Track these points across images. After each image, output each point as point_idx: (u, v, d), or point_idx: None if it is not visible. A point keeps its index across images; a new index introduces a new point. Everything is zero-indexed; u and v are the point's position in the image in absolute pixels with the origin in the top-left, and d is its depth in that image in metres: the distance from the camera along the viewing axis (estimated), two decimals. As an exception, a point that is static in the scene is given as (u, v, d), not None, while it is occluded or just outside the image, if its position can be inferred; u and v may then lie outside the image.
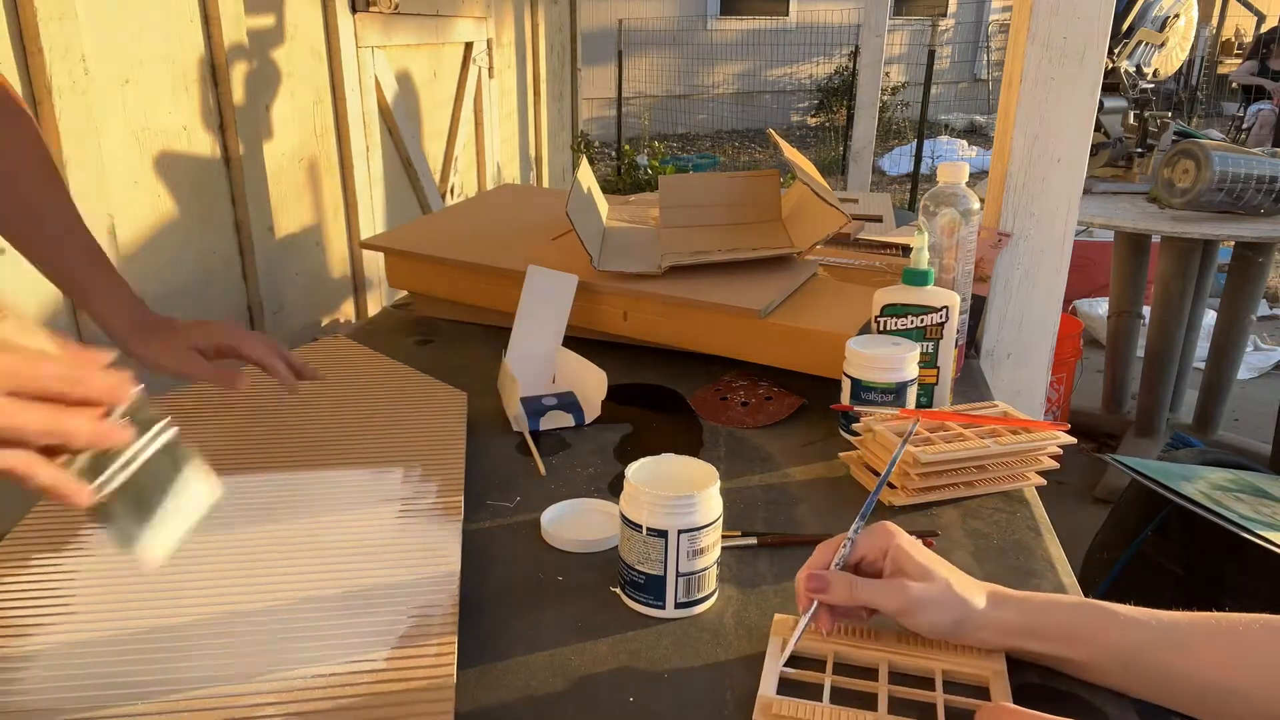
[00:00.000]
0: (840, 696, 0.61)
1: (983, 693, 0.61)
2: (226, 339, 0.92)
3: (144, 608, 0.67)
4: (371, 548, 0.76)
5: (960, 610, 0.62)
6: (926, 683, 0.62)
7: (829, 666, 0.63)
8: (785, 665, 0.62)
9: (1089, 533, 1.66)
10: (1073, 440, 0.91)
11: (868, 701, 0.60)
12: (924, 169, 6.11)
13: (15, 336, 0.50)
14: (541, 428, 1.02)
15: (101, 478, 0.50)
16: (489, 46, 2.67)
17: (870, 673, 0.63)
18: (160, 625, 0.65)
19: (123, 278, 0.92)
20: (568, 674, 0.64)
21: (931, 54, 6.05)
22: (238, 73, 1.51)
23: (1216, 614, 0.59)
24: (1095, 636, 0.60)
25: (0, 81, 0.88)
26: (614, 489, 0.90)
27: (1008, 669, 0.62)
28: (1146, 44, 2.54)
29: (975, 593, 0.63)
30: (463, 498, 0.84)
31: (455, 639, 0.65)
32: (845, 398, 0.96)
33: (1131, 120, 2.65)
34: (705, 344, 1.16)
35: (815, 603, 0.64)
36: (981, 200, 1.18)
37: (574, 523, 0.82)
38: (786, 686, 0.62)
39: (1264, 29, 8.00)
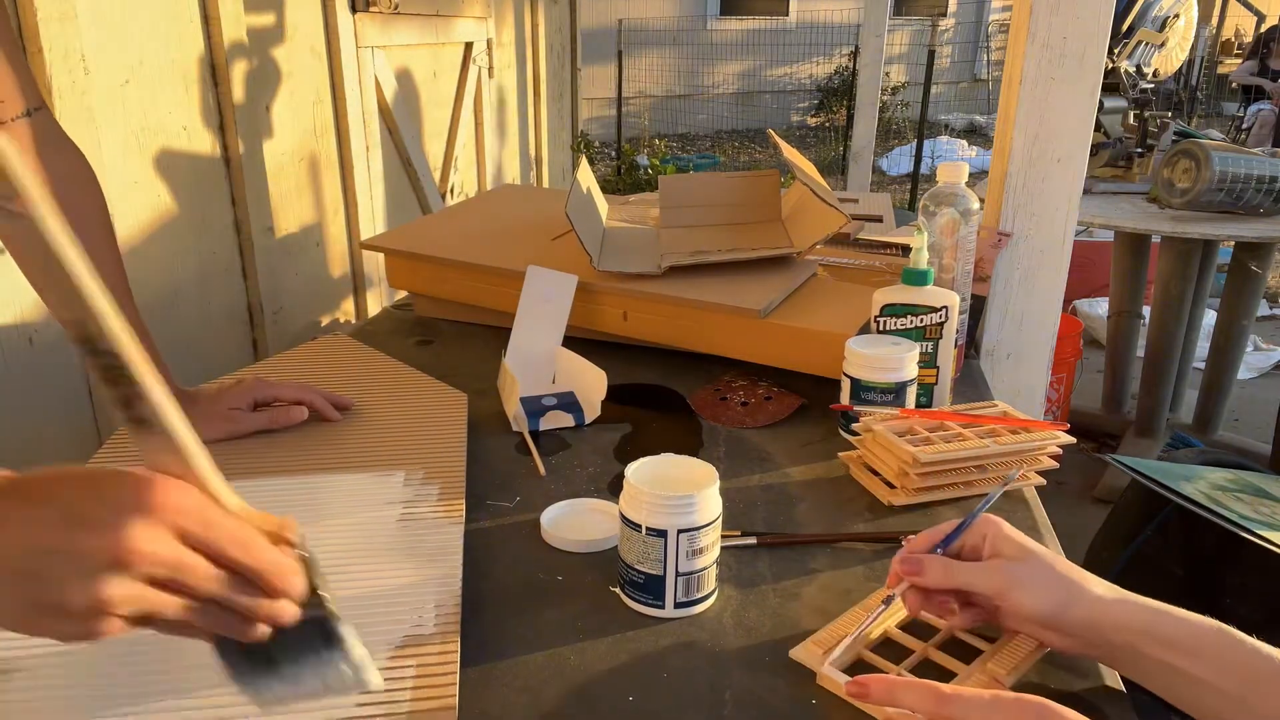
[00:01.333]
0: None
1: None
2: (262, 393, 0.96)
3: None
4: (373, 551, 0.76)
5: (1065, 591, 0.58)
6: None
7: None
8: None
9: (1089, 533, 1.66)
10: (1072, 440, 0.91)
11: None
12: (924, 169, 6.11)
13: (206, 476, 0.46)
14: (541, 428, 1.02)
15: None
16: (489, 46, 2.67)
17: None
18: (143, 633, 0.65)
19: (158, 353, 0.92)
20: (567, 674, 0.64)
21: (931, 54, 6.05)
22: (238, 72, 1.51)
23: None
24: (1223, 655, 0.55)
25: (75, 153, 0.90)
26: (614, 489, 0.90)
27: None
28: (1146, 44, 2.54)
29: (1087, 577, 0.60)
30: (464, 501, 0.84)
31: (458, 643, 0.65)
32: (845, 398, 0.96)
33: (1131, 120, 2.65)
34: (705, 344, 1.16)
35: (903, 586, 0.63)
36: (981, 200, 1.18)
37: (574, 523, 0.82)
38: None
39: (1264, 29, 8.00)
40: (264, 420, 0.95)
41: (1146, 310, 2.82)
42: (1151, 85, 2.62)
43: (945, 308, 0.98)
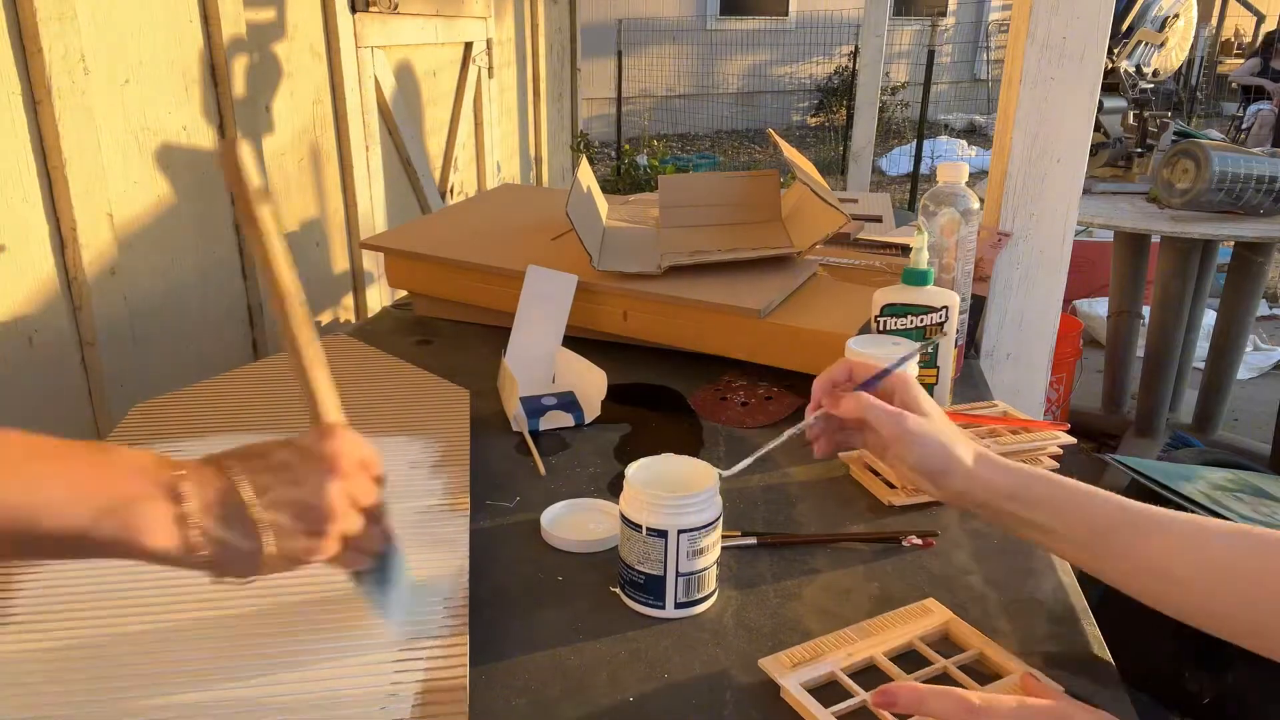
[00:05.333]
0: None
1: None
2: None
3: (150, 607, 0.67)
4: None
5: (944, 460, 0.67)
6: None
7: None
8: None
9: (1089, 533, 1.66)
10: (1072, 440, 0.91)
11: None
12: (924, 169, 6.11)
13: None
14: (541, 428, 1.02)
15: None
16: (489, 46, 2.67)
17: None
18: (163, 626, 0.66)
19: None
20: (568, 674, 0.64)
21: (931, 54, 6.05)
22: (237, 72, 1.51)
23: (1180, 513, 0.63)
24: (1077, 510, 0.64)
25: None
26: (614, 489, 0.90)
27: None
28: (1146, 44, 2.54)
29: (964, 448, 0.68)
30: (469, 496, 0.84)
31: (466, 637, 0.65)
32: (845, 398, 0.96)
33: (1131, 120, 2.65)
34: (705, 344, 1.16)
35: (815, 416, 0.72)
36: (981, 200, 1.18)
37: (574, 523, 0.82)
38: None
39: (1264, 29, 8.00)
40: None
41: (1146, 310, 2.82)
42: (1151, 85, 2.62)
43: (945, 308, 0.98)
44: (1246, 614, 0.58)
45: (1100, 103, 1.39)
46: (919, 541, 0.80)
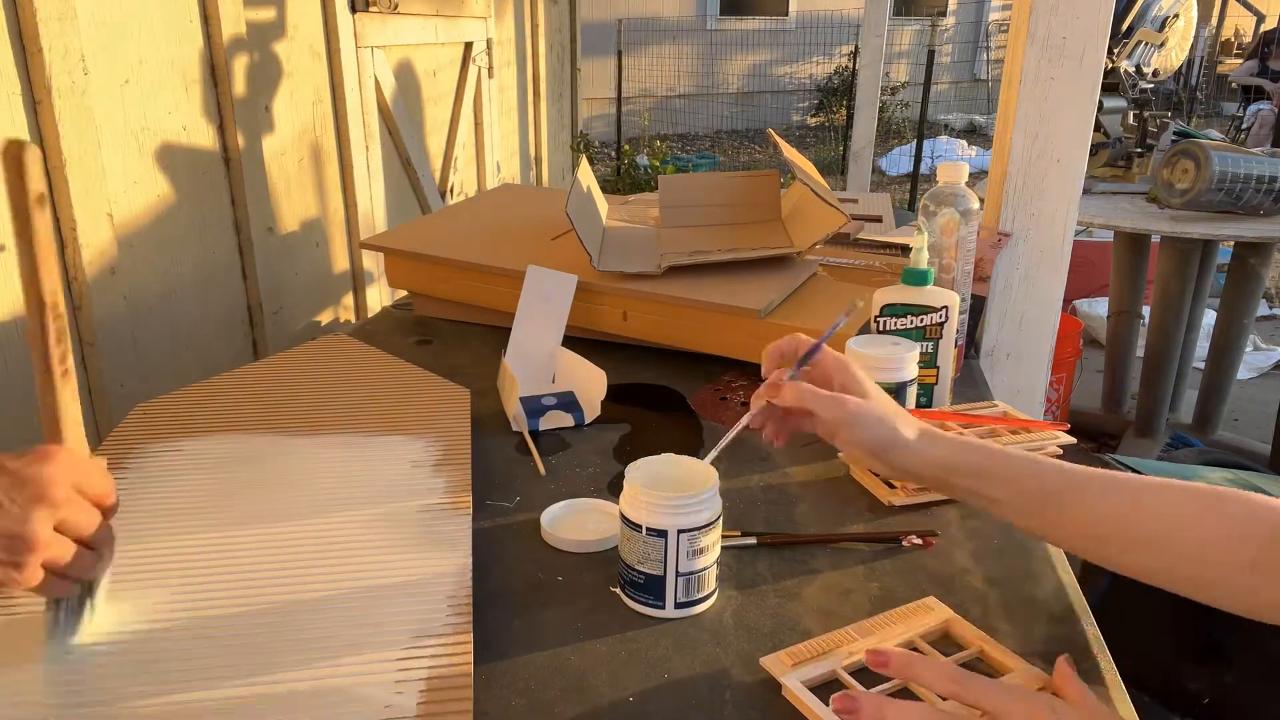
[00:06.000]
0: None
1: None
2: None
3: (154, 604, 0.67)
4: (382, 545, 0.76)
5: (887, 437, 0.69)
6: None
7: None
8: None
9: (1089, 533, 1.66)
10: (1072, 440, 0.91)
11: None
12: (924, 169, 6.11)
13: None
14: (541, 428, 1.02)
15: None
16: (489, 46, 2.67)
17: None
18: (166, 624, 0.66)
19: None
20: (568, 674, 0.64)
21: (931, 54, 6.05)
22: (237, 72, 1.51)
23: (1115, 472, 0.65)
24: (1019, 478, 0.66)
25: None
26: (614, 489, 0.90)
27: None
28: (1146, 44, 2.54)
29: (907, 424, 0.70)
30: (470, 495, 0.84)
31: (470, 634, 0.65)
32: (845, 398, 0.96)
33: (1131, 120, 2.65)
34: (705, 344, 1.16)
35: (759, 405, 0.74)
36: (981, 200, 1.18)
37: (574, 523, 0.82)
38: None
39: (1264, 29, 8.00)
40: None
41: (1146, 310, 2.82)
42: (1151, 85, 2.62)
43: (945, 308, 0.98)
44: (1184, 568, 0.60)
45: (1100, 103, 1.39)
46: (919, 541, 0.80)
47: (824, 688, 0.62)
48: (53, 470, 0.56)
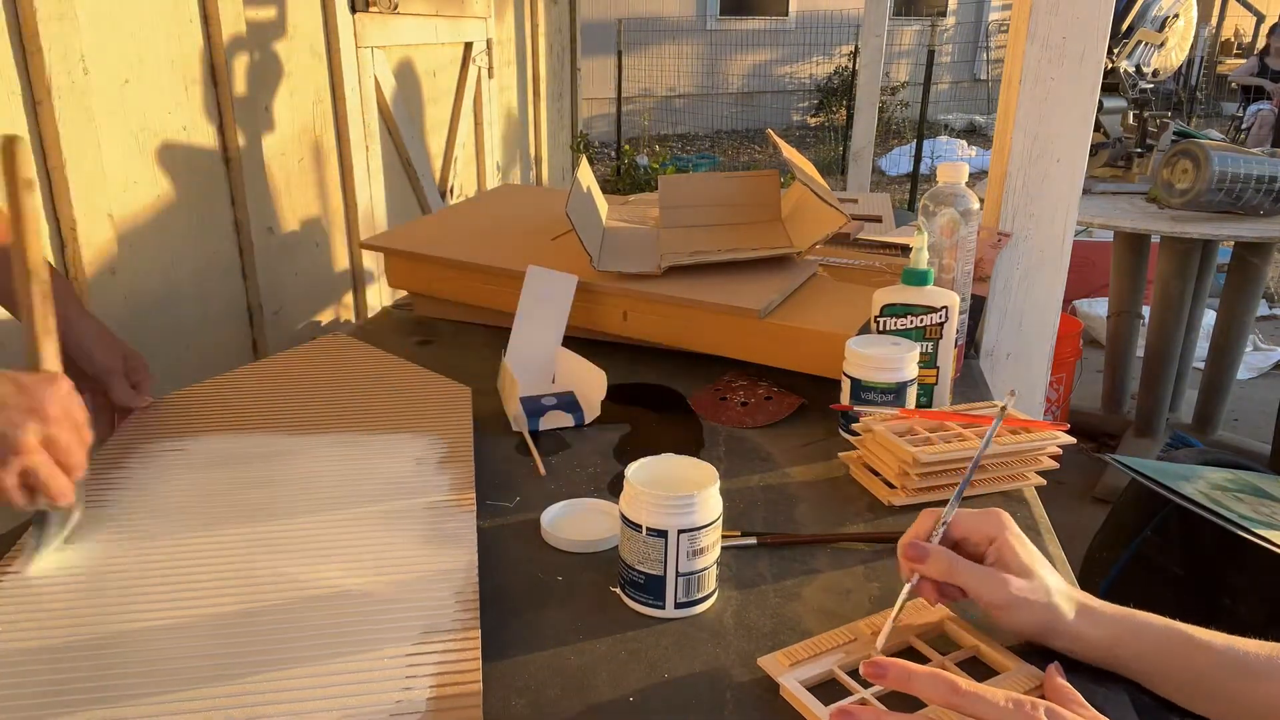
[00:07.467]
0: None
1: None
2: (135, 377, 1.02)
3: (158, 602, 0.67)
4: (390, 541, 0.76)
5: (1050, 618, 0.64)
6: None
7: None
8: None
9: (1089, 533, 1.66)
10: (1072, 440, 0.91)
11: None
12: (924, 169, 6.11)
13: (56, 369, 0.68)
14: (541, 428, 1.02)
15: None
16: (489, 46, 2.67)
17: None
18: (172, 621, 0.66)
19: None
20: (568, 674, 0.64)
21: (931, 54, 6.05)
22: (237, 72, 1.51)
23: None
24: (1178, 659, 0.63)
25: None
26: (614, 489, 0.90)
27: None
28: (1146, 44, 2.54)
29: (1066, 603, 0.65)
30: (475, 492, 0.84)
31: (478, 631, 0.65)
32: (845, 398, 0.96)
33: (1131, 120, 2.65)
34: (705, 344, 1.16)
35: (916, 576, 0.66)
36: (981, 200, 1.18)
37: (574, 523, 0.82)
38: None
39: (1264, 29, 8.00)
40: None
41: (1146, 310, 2.82)
42: (1151, 85, 2.62)
43: (945, 308, 0.98)
44: None
45: (1100, 103, 1.39)
46: (919, 541, 0.79)
47: (822, 688, 0.62)
48: (53, 391, 0.64)
